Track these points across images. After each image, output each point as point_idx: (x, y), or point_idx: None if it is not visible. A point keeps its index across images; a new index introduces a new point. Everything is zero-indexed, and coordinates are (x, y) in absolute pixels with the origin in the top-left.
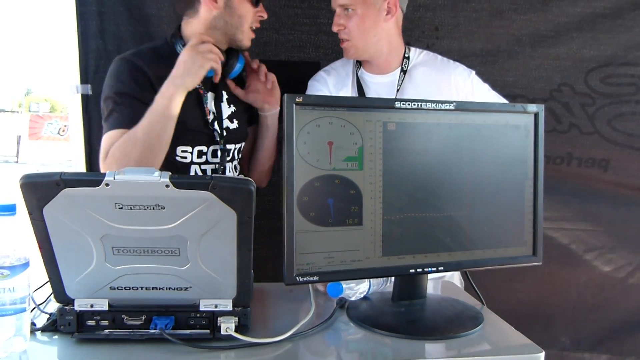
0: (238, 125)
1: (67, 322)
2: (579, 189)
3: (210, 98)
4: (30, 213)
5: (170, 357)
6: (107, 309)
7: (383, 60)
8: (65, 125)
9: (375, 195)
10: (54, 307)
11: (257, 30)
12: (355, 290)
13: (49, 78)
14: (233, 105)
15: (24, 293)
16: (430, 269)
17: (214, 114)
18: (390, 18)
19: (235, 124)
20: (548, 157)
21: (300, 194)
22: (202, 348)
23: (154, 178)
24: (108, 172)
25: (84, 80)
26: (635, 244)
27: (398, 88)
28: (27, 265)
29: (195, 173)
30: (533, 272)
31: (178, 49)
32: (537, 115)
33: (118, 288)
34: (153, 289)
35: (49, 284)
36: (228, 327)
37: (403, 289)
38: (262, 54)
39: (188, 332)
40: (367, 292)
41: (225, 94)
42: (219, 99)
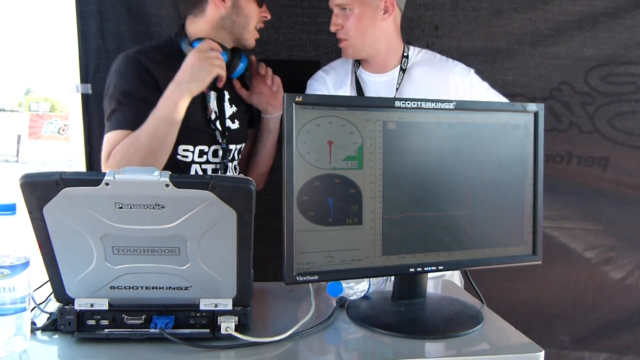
0: (239, 126)
1: (67, 321)
2: (579, 188)
3: (213, 97)
4: (30, 212)
5: (170, 356)
6: (107, 309)
7: (381, 59)
8: (66, 125)
9: (375, 195)
10: (54, 306)
11: (257, 30)
12: (355, 290)
13: (49, 77)
14: (235, 106)
15: (24, 292)
16: (430, 268)
17: (216, 113)
18: (388, 17)
19: (237, 125)
20: (548, 155)
21: (300, 194)
22: (202, 347)
23: (154, 177)
24: (108, 171)
25: (84, 80)
26: (635, 243)
27: (397, 87)
28: (27, 265)
29: (196, 172)
30: (533, 271)
31: (183, 47)
32: (537, 115)
33: (118, 287)
34: (153, 289)
35: (49, 284)
36: (228, 326)
37: (403, 288)
38: (262, 53)
39: (188, 331)
40: (366, 291)
41: (228, 94)
42: (222, 99)
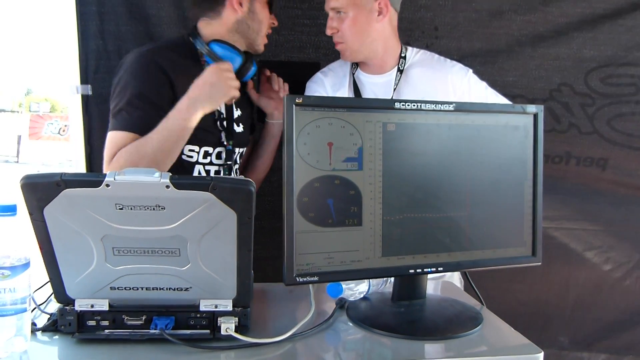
0: (243, 130)
1: (67, 322)
2: (578, 188)
3: None
4: (31, 213)
5: (171, 357)
6: (107, 309)
7: (379, 61)
8: (66, 125)
9: (375, 196)
10: (55, 307)
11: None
12: (355, 291)
13: (49, 78)
14: (240, 109)
15: (25, 293)
16: (430, 270)
17: (223, 115)
18: (383, 19)
19: (241, 128)
20: (546, 156)
21: (300, 195)
22: (202, 348)
23: (154, 179)
24: (108, 172)
25: (84, 81)
26: (634, 243)
27: (394, 88)
28: (27, 266)
29: (199, 173)
30: (532, 271)
31: (198, 46)
32: (536, 116)
33: (118, 288)
34: (153, 289)
35: (50, 284)
36: (228, 327)
37: (403, 289)
38: (262, 55)
39: (188, 332)
40: (366, 292)
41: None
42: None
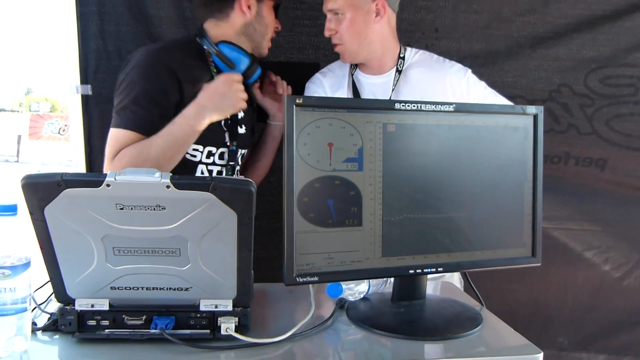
0: (245, 131)
1: (67, 321)
2: (577, 189)
3: None
4: (32, 213)
5: (171, 357)
6: (107, 309)
7: (377, 61)
8: (66, 125)
9: (375, 197)
10: (55, 306)
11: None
12: (355, 291)
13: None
14: (243, 111)
15: (25, 293)
16: (430, 270)
17: (228, 116)
18: (380, 20)
19: (244, 129)
20: (545, 156)
21: (301, 195)
22: (202, 348)
23: (155, 179)
24: (109, 172)
25: (84, 81)
26: (633, 243)
27: (393, 88)
28: (28, 265)
29: (202, 173)
30: (531, 272)
31: (206, 46)
32: (536, 117)
33: (119, 288)
34: (153, 289)
35: (50, 284)
36: (228, 327)
37: (402, 290)
38: None
39: (188, 332)
40: (366, 292)
41: None
42: None
